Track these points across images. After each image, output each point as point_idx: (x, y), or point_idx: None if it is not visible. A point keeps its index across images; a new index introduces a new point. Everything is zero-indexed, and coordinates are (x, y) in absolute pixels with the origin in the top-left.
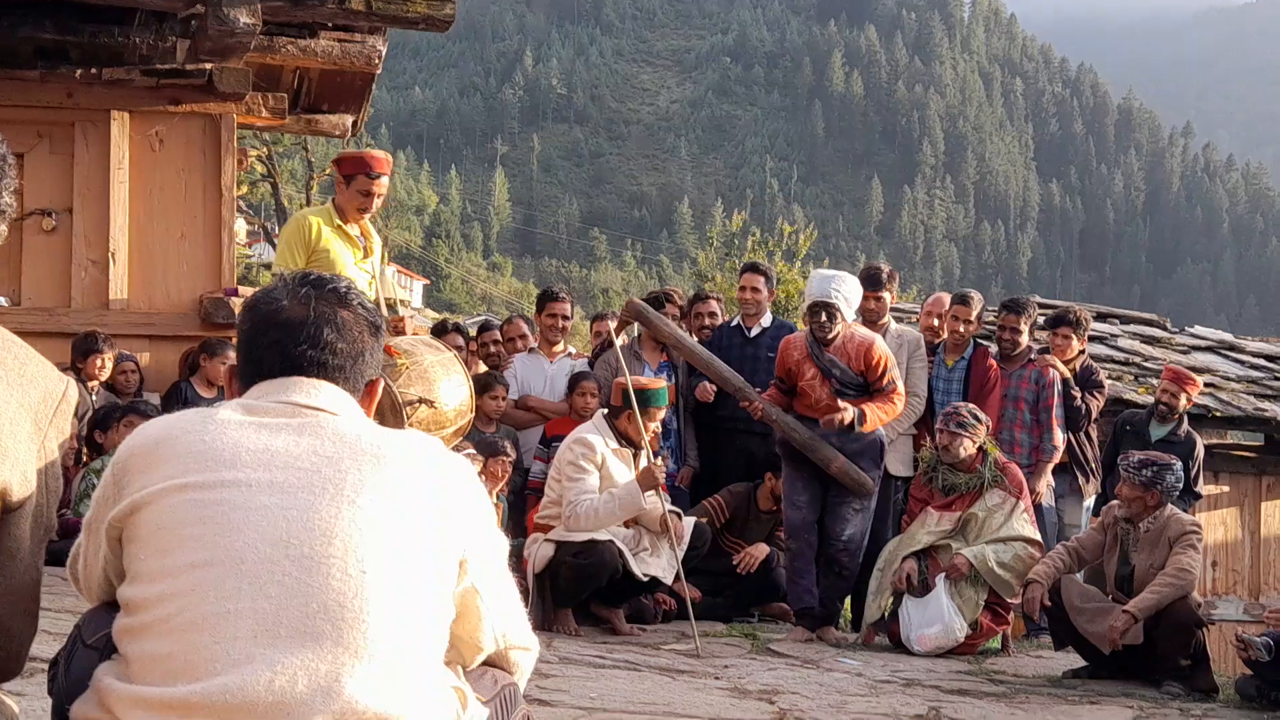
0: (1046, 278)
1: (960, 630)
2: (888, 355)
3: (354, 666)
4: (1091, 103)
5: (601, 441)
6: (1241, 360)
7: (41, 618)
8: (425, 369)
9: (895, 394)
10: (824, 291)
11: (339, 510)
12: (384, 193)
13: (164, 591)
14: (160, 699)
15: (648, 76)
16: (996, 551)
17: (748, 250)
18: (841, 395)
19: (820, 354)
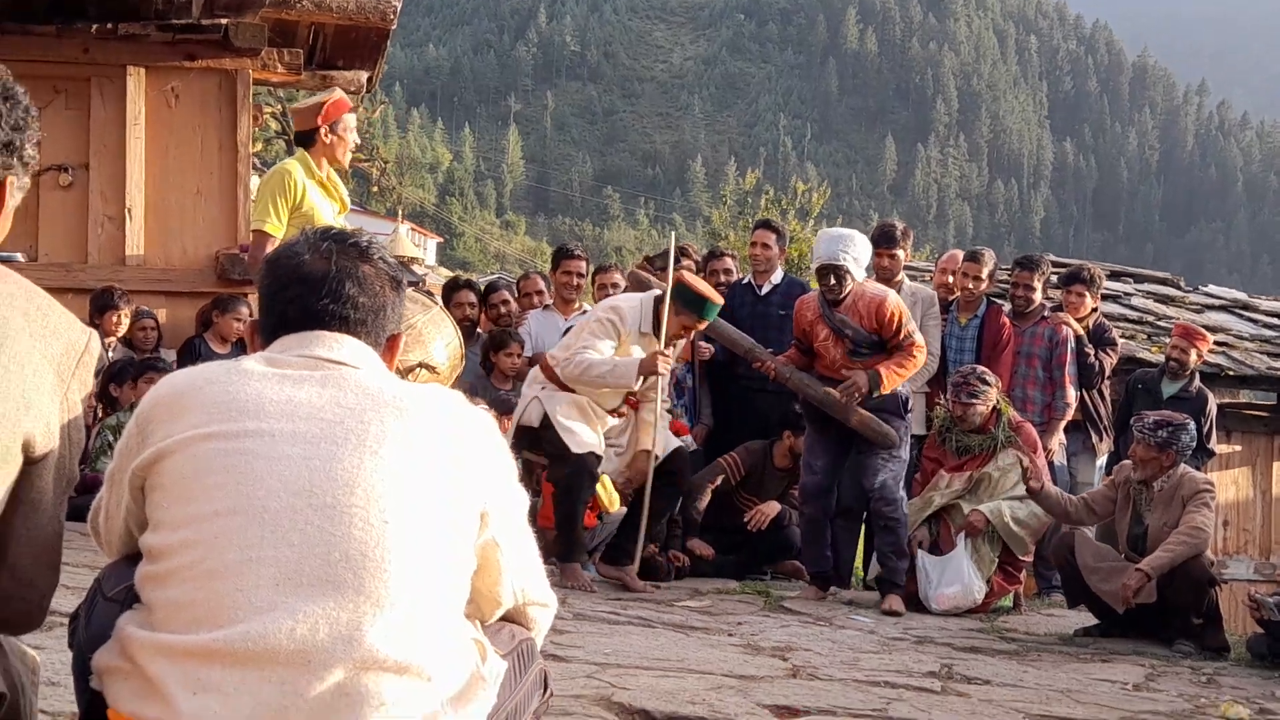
0: (1059, 236)
1: (979, 591)
2: (901, 310)
3: (375, 615)
4: (1106, 60)
5: (636, 317)
6: (1255, 319)
7: (61, 572)
8: (420, 331)
9: (913, 348)
10: (831, 254)
11: (361, 460)
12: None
13: (187, 539)
14: (182, 646)
15: (661, 33)
16: (1013, 508)
17: (761, 208)
18: (856, 355)
19: (831, 314)
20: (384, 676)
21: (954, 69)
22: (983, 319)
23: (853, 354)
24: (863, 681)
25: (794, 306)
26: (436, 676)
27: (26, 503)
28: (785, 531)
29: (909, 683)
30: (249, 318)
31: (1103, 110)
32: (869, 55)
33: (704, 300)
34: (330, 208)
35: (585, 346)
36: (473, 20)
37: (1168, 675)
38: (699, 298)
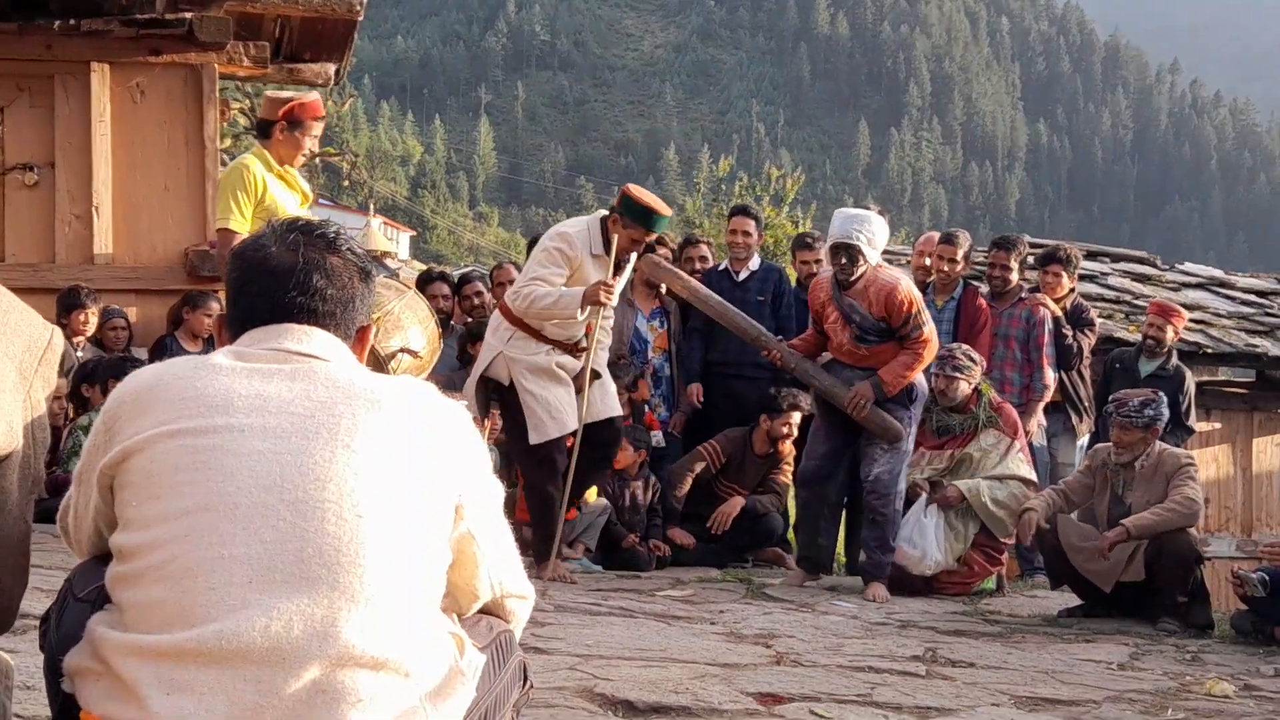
0: (1035, 217)
1: (935, 564)
2: (912, 299)
3: (350, 611)
4: (1078, 41)
5: (585, 240)
6: (1232, 296)
7: (32, 574)
8: (397, 317)
9: (920, 342)
10: (845, 232)
11: (334, 454)
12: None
13: (157, 538)
14: (154, 646)
15: (631, 21)
16: (991, 488)
17: (735, 195)
18: (862, 341)
19: (840, 297)
20: (361, 673)
21: (926, 52)
22: (959, 301)
23: (858, 339)
24: (846, 667)
25: (771, 292)
26: (414, 671)
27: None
28: (766, 518)
29: (893, 667)
30: (220, 313)
31: (1076, 91)
32: (841, 39)
33: (650, 211)
34: (293, 199)
35: (534, 279)
36: (441, 11)
37: (1152, 654)
38: (645, 209)
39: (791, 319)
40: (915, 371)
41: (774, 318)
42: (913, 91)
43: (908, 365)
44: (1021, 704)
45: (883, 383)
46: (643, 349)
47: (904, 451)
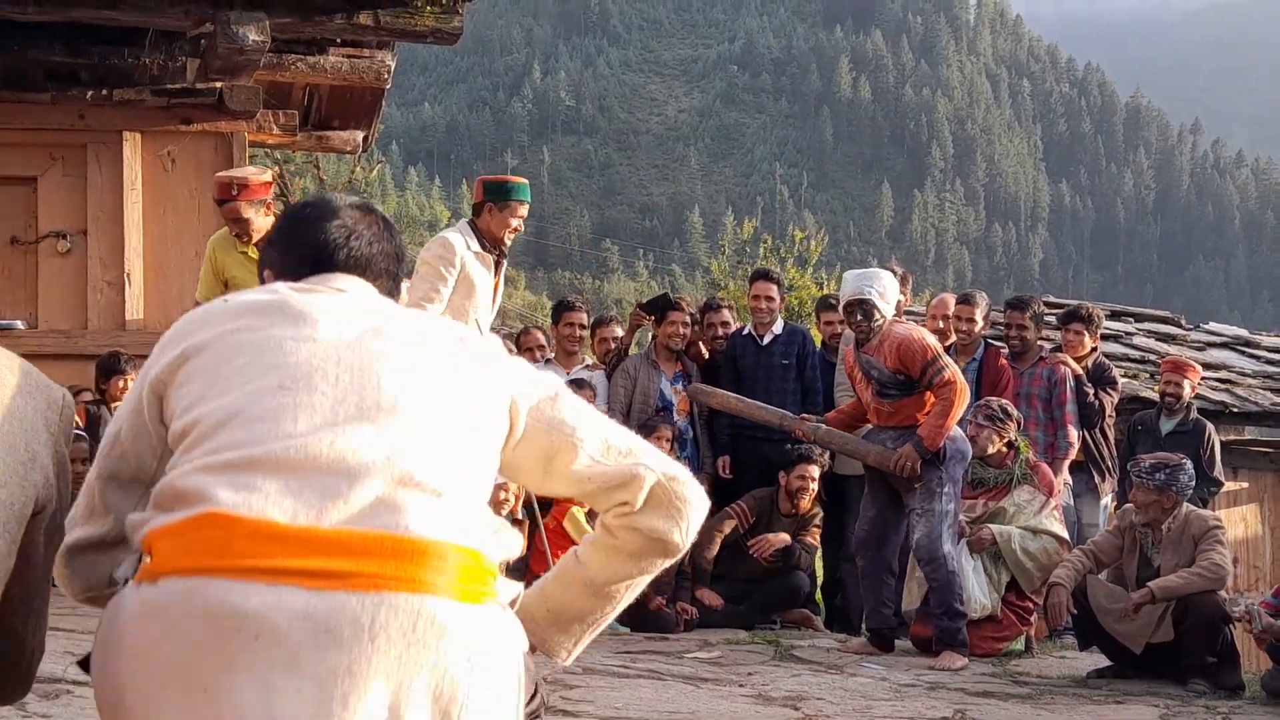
0: (1059, 278)
1: (981, 608)
2: (927, 347)
3: (410, 449)
4: (1099, 102)
5: (463, 242)
6: (1257, 355)
7: (62, 638)
8: None
9: (944, 387)
10: (856, 289)
11: (384, 345)
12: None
13: (220, 405)
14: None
15: (655, 86)
16: (1024, 537)
17: (759, 257)
18: (883, 396)
19: (859, 355)
20: (422, 495)
21: (948, 114)
22: (981, 361)
23: (879, 395)
24: None
25: (796, 354)
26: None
27: (20, 559)
28: (794, 578)
29: None
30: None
31: (1098, 151)
32: (863, 103)
33: (507, 183)
34: (251, 278)
35: (424, 304)
36: (468, 78)
37: (1183, 715)
38: (503, 184)
39: (817, 380)
40: (950, 419)
41: (799, 380)
42: (935, 153)
43: (941, 414)
44: None
45: (922, 440)
46: (668, 411)
47: (940, 513)
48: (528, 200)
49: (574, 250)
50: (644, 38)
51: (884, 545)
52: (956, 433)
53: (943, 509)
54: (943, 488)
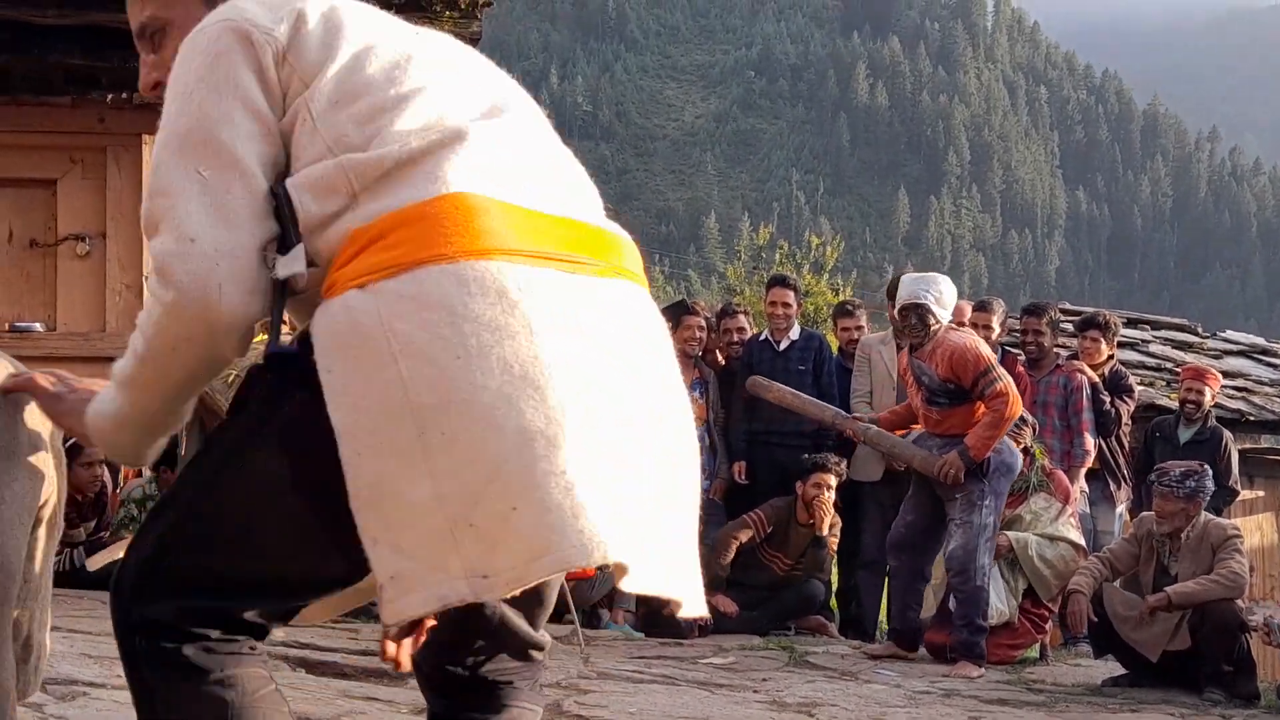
0: (1075, 285)
1: (999, 614)
2: (980, 356)
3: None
4: (1116, 109)
5: None
6: (1274, 364)
7: (79, 639)
8: None
9: (996, 398)
10: (913, 293)
11: None
12: None
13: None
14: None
15: (673, 92)
16: (1040, 544)
17: (775, 263)
18: (933, 403)
19: (912, 360)
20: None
21: (965, 121)
22: None
23: (929, 402)
24: None
25: (812, 360)
26: None
27: (30, 558)
28: (809, 586)
29: None
30: None
31: (1114, 159)
32: (880, 109)
33: None
34: None
35: None
36: None
37: None
38: None
39: (834, 386)
40: (999, 431)
41: (815, 386)
42: (952, 160)
43: (991, 426)
44: None
45: (969, 449)
46: None
47: (979, 526)
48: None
49: None
50: (661, 43)
51: (920, 551)
52: (1006, 445)
53: (982, 522)
54: (984, 500)
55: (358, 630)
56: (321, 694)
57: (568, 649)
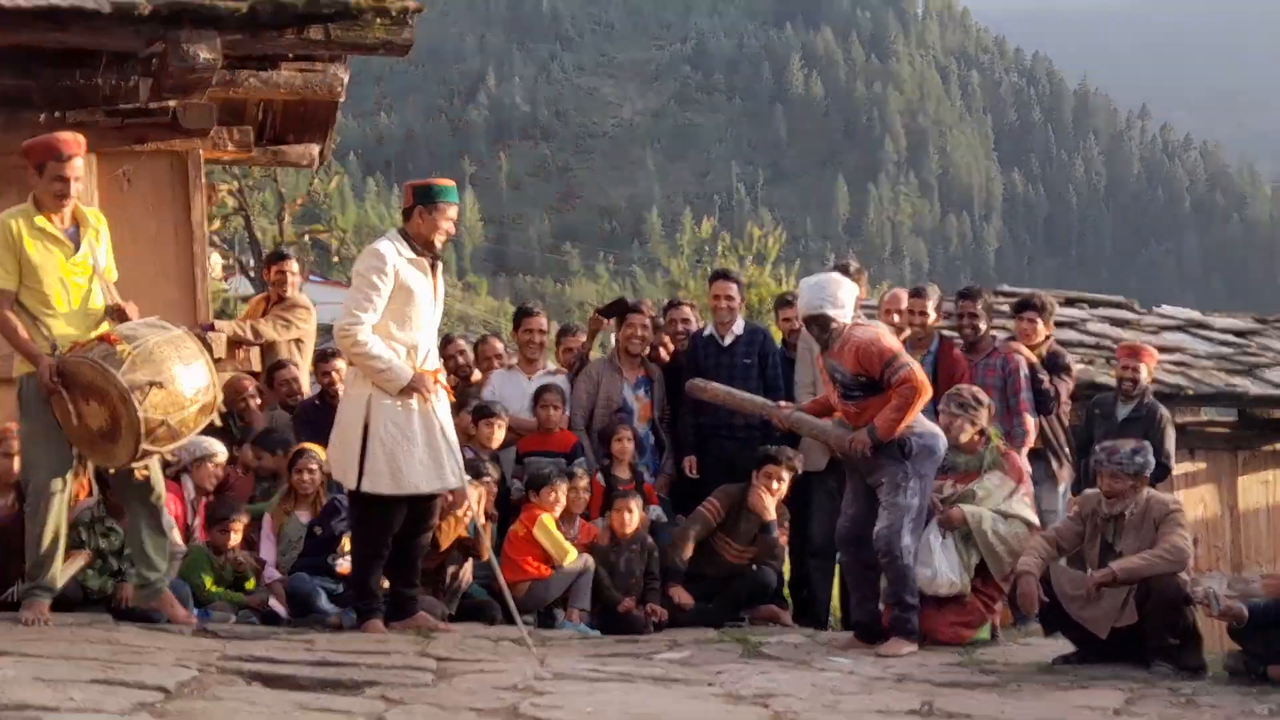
0: (1014, 266)
1: (949, 584)
2: (885, 350)
3: None
4: (1048, 90)
5: (394, 250)
6: (1210, 337)
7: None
8: (150, 350)
9: (900, 383)
10: (808, 304)
11: None
12: (80, 175)
13: None
14: None
15: (610, 89)
16: (994, 519)
17: (718, 255)
18: (847, 398)
19: (825, 359)
20: None
21: (899, 108)
22: (935, 354)
23: (844, 397)
24: None
25: (757, 353)
26: None
27: None
28: (762, 574)
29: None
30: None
31: (1048, 140)
32: (815, 99)
33: (433, 187)
34: (54, 257)
35: (357, 314)
36: (423, 87)
37: (1147, 698)
38: (428, 188)
39: (779, 378)
40: (907, 414)
41: (761, 379)
42: (888, 147)
43: (896, 408)
44: None
45: (876, 429)
46: (628, 418)
47: (903, 507)
48: (455, 202)
49: (535, 255)
50: (597, 41)
51: (866, 542)
52: (927, 429)
53: (906, 503)
54: (908, 482)
55: (313, 641)
56: (277, 706)
57: (523, 651)
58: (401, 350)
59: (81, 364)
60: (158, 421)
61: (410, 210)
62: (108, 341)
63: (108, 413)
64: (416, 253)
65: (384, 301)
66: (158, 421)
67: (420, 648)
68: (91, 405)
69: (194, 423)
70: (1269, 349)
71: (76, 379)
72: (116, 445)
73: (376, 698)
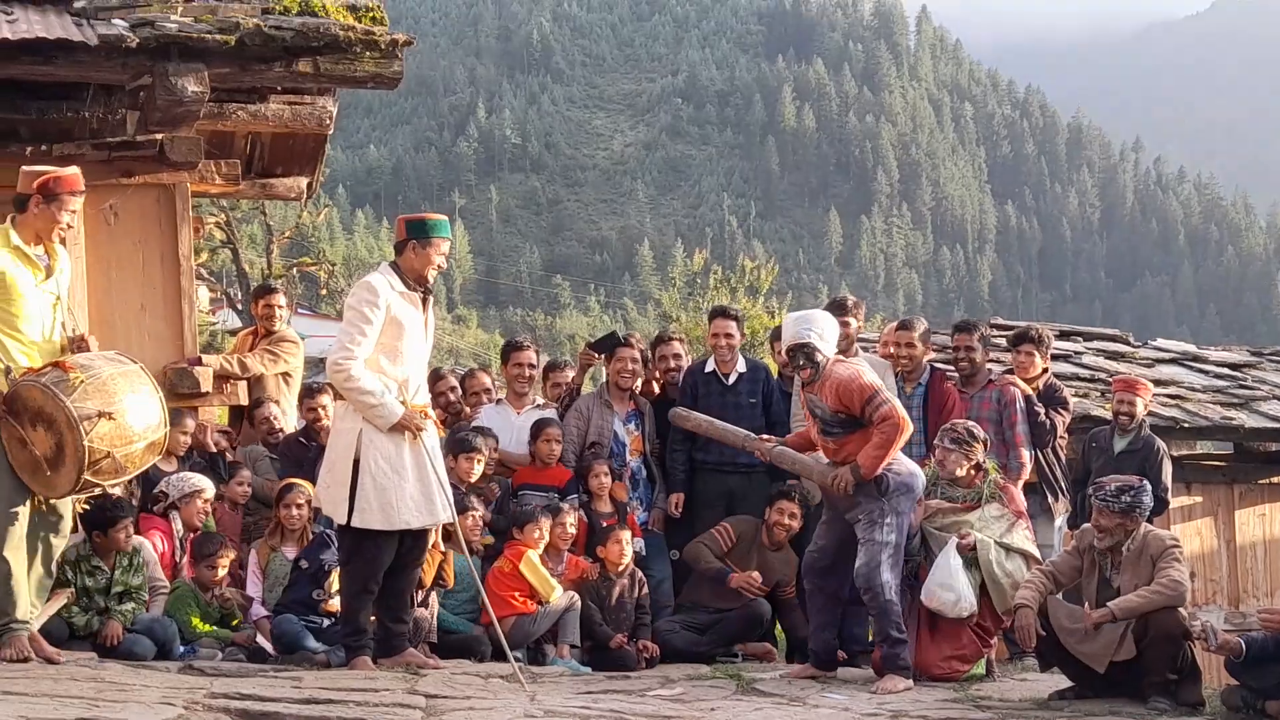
0: (1008, 299)
1: (970, 604)
2: (864, 387)
3: None
4: (1041, 123)
5: (386, 284)
6: (1206, 370)
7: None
8: (104, 381)
9: (881, 420)
10: (795, 334)
11: None
12: (78, 210)
13: None
14: None
15: (601, 122)
16: (999, 553)
17: (710, 288)
18: (827, 434)
19: (805, 395)
20: None
21: (892, 140)
22: (926, 387)
23: (823, 433)
24: None
25: (761, 391)
26: None
27: None
28: (756, 605)
29: None
30: (195, 430)
31: (1041, 172)
32: (807, 131)
33: (426, 222)
34: (29, 277)
35: (350, 348)
36: (412, 119)
37: None
38: (422, 223)
39: (784, 413)
40: (888, 451)
41: (765, 415)
42: (880, 179)
43: (878, 445)
44: None
45: (859, 466)
46: (620, 452)
47: (881, 543)
48: (448, 237)
49: (525, 287)
50: (587, 73)
51: (831, 573)
52: (905, 467)
53: (883, 539)
54: (885, 519)
55: (301, 679)
56: None
57: (513, 688)
58: (393, 385)
59: (32, 388)
60: (103, 453)
61: (403, 244)
62: (61, 368)
63: (53, 440)
64: (408, 286)
65: (376, 335)
66: (103, 453)
67: (409, 685)
68: (38, 431)
69: (140, 460)
70: (1264, 382)
71: (26, 403)
72: (59, 474)
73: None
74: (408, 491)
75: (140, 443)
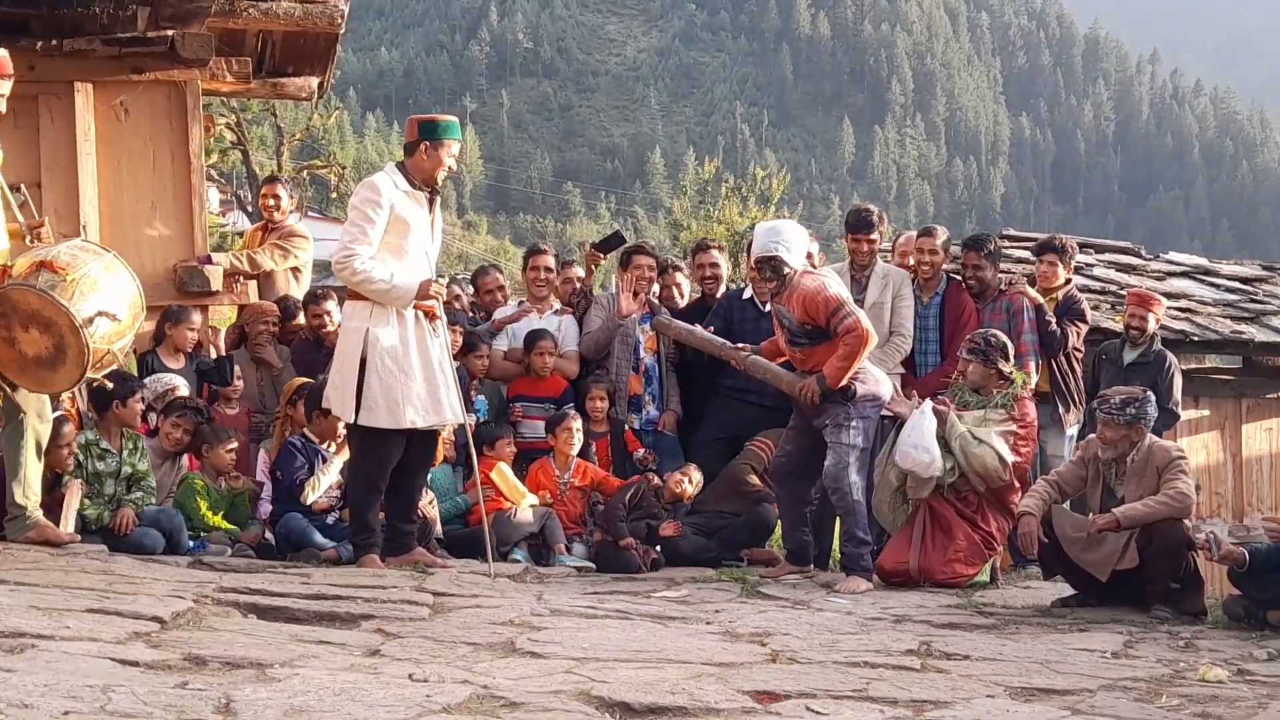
0: (1020, 211)
1: (938, 467)
2: (830, 299)
3: None
4: (1058, 34)
5: (390, 183)
6: (1217, 284)
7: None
8: (96, 280)
9: (846, 332)
10: (763, 246)
11: None
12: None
13: None
14: None
15: (614, 27)
16: (966, 437)
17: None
18: (794, 344)
19: (775, 306)
20: None
21: (907, 50)
22: (943, 296)
23: (791, 344)
24: (842, 663)
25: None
26: None
27: None
28: (761, 509)
29: (888, 662)
30: (201, 327)
31: (1057, 84)
32: (822, 39)
33: (438, 123)
34: None
35: (352, 246)
36: (424, 22)
37: (1146, 641)
38: (434, 123)
39: None
40: (852, 362)
41: None
42: (895, 89)
43: (842, 356)
44: (1016, 695)
45: (825, 376)
46: (637, 347)
47: (848, 446)
48: (459, 138)
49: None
50: None
51: (799, 477)
52: (873, 376)
53: (850, 442)
54: (850, 422)
55: (309, 575)
56: (273, 639)
57: (519, 586)
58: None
59: (27, 291)
60: (104, 351)
61: (414, 145)
62: (50, 269)
63: (51, 341)
64: (414, 186)
65: (379, 233)
66: (104, 351)
67: (417, 583)
68: (31, 333)
69: (130, 345)
70: (1275, 297)
71: (17, 306)
72: (56, 373)
73: (372, 631)
74: (414, 391)
75: (130, 333)
